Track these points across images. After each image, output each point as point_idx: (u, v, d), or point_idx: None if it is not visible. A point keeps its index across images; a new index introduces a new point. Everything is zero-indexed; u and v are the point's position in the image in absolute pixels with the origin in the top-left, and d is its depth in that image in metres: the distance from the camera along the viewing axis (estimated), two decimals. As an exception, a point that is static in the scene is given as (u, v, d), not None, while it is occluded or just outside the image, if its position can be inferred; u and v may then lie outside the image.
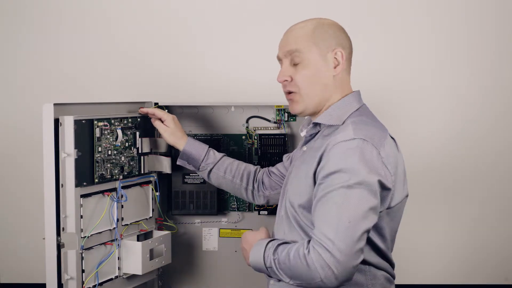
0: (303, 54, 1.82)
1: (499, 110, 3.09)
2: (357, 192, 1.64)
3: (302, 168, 1.83)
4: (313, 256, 1.62)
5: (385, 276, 1.82)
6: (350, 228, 1.61)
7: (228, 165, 2.24)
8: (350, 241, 1.61)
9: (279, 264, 1.72)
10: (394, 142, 1.83)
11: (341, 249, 1.60)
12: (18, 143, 3.15)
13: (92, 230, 2.03)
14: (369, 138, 1.70)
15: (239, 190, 2.25)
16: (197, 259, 2.52)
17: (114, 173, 2.12)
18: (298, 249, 1.67)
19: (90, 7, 3.14)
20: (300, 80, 1.83)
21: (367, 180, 1.65)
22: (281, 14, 3.06)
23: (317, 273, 1.61)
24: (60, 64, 3.15)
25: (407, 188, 1.84)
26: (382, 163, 1.70)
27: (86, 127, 2.00)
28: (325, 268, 1.60)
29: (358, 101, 1.87)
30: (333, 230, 1.61)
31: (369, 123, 1.79)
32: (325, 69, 1.83)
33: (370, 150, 1.69)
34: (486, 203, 3.12)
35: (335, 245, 1.60)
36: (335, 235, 1.61)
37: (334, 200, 1.64)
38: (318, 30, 1.84)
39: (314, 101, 1.85)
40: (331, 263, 1.60)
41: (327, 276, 1.61)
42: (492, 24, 3.08)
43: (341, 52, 1.83)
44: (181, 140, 2.22)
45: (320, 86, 1.84)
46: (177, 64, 3.13)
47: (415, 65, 3.09)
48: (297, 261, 1.66)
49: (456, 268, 3.15)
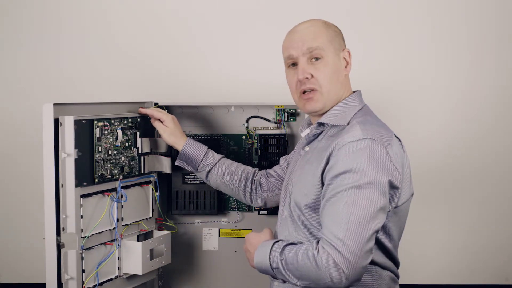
0: (323, 51, 1.83)
1: (499, 110, 3.09)
2: (367, 192, 1.64)
3: (307, 168, 1.83)
4: (323, 256, 1.62)
5: (391, 276, 1.83)
6: (360, 229, 1.61)
7: (226, 166, 2.24)
8: (360, 241, 1.61)
9: (287, 264, 1.71)
10: (399, 141, 1.83)
11: (351, 249, 1.60)
12: (18, 143, 3.15)
13: (92, 230, 2.02)
14: (378, 138, 1.71)
15: (237, 192, 2.25)
16: (197, 259, 2.52)
17: (114, 173, 2.12)
18: (307, 249, 1.67)
19: (90, 7, 3.14)
20: (322, 77, 1.83)
21: (377, 180, 1.66)
22: (281, 14, 3.06)
23: (327, 273, 1.61)
24: (60, 64, 3.15)
25: (412, 187, 1.85)
26: (391, 162, 1.70)
27: (86, 127, 2.00)
28: (335, 268, 1.60)
29: (360, 101, 1.89)
30: (343, 230, 1.61)
31: (375, 123, 1.80)
32: (340, 68, 1.86)
33: (380, 149, 1.70)
34: (486, 203, 3.12)
35: (345, 245, 1.60)
36: (345, 235, 1.61)
37: (344, 200, 1.64)
38: (329, 29, 1.86)
39: (332, 99, 1.86)
40: (341, 263, 1.60)
41: (337, 276, 1.61)
42: (492, 24, 3.07)
43: (348, 52, 1.87)
44: (180, 140, 2.23)
45: (338, 84, 1.86)
46: (177, 64, 3.13)
47: (415, 65, 3.09)
48: (306, 261, 1.65)
49: (457, 268, 3.15)
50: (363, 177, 1.65)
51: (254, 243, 1.85)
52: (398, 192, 1.74)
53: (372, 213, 1.64)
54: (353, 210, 1.63)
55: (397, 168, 1.72)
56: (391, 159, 1.70)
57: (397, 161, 1.72)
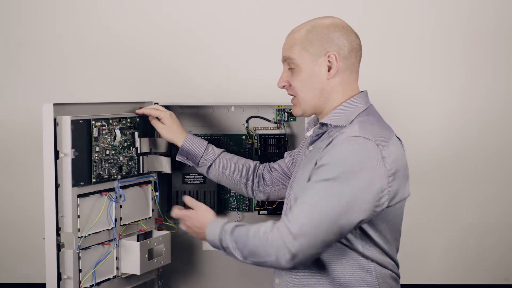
0: (295, 61, 1.84)
1: (499, 110, 3.09)
2: (341, 187, 1.64)
3: (307, 167, 1.82)
4: (275, 235, 1.64)
5: (391, 275, 1.82)
6: (323, 219, 1.62)
7: (227, 160, 2.24)
8: (318, 231, 1.62)
9: (237, 243, 1.72)
10: (400, 142, 1.82)
11: (305, 234, 1.61)
12: (18, 143, 3.16)
13: (89, 230, 2.02)
14: (373, 137, 1.70)
15: (238, 186, 2.25)
16: (197, 259, 2.52)
17: (112, 173, 2.12)
18: (259, 228, 1.68)
19: (90, 7, 3.15)
20: (295, 85, 1.86)
21: (356, 177, 1.65)
22: (281, 14, 3.07)
23: (274, 251, 1.63)
24: (60, 64, 3.16)
25: (409, 189, 1.84)
26: (381, 162, 1.68)
27: (83, 127, 2.00)
28: (283, 248, 1.62)
29: (365, 102, 1.86)
30: (305, 216, 1.63)
31: (375, 123, 1.79)
32: (319, 74, 1.83)
33: (371, 148, 1.68)
34: (486, 203, 3.12)
35: (301, 230, 1.61)
36: (304, 222, 1.62)
37: (316, 190, 1.66)
38: (311, 34, 1.83)
39: (310, 105, 1.86)
40: (291, 245, 1.61)
41: (283, 256, 1.62)
42: (493, 23, 3.07)
43: (334, 55, 1.81)
44: (180, 136, 2.22)
45: (315, 91, 1.85)
46: (177, 64, 3.13)
47: (415, 65, 3.09)
48: (256, 239, 1.67)
49: (456, 268, 3.14)
50: (342, 172, 1.64)
51: (201, 221, 1.86)
52: (386, 193, 1.72)
53: (341, 208, 1.63)
54: (322, 201, 1.63)
55: (387, 169, 1.70)
56: (383, 159, 1.69)
57: (389, 162, 1.70)
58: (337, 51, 1.81)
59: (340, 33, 1.83)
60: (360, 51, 1.87)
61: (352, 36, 1.85)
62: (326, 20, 1.86)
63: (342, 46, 1.82)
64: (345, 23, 1.87)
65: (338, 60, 1.81)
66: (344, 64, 1.83)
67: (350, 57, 1.84)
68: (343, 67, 1.82)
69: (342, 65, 1.82)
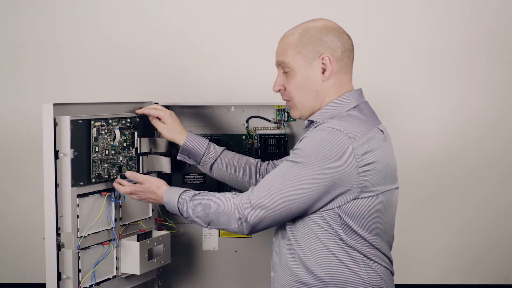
0: (289, 64, 1.86)
1: (498, 110, 3.09)
2: (303, 170, 1.73)
3: None
4: (236, 204, 1.79)
5: (382, 269, 1.82)
6: (281, 197, 1.74)
7: (229, 159, 2.24)
8: (275, 205, 1.75)
9: (198, 212, 1.87)
10: (383, 134, 1.83)
11: (263, 206, 1.75)
12: (18, 143, 3.16)
13: (88, 230, 2.02)
14: (347, 130, 1.73)
15: (242, 184, 2.26)
16: (197, 259, 2.51)
17: (111, 173, 2.12)
18: (222, 197, 1.84)
19: (90, 7, 3.15)
20: (290, 89, 1.89)
21: (318, 164, 1.72)
22: (281, 13, 3.07)
23: (235, 220, 1.79)
24: (60, 64, 3.16)
25: (396, 181, 1.85)
26: (350, 153, 1.71)
27: (82, 127, 2.00)
28: (242, 216, 1.77)
29: (356, 98, 1.87)
30: (266, 190, 1.76)
31: (358, 117, 1.81)
32: (314, 76, 1.85)
33: (340, 138, 1.72)
34: (486, 203, 3.12)
35: (260, 202, 1.75)
36: (264, 195, 1.75)
37: (282, 169, 1.78)
38: (304, 37, 1.84)
39: (307, 108, 1.89)
40: (248, 214, 1.76)
41: (243, 224, 1.78)
42: (492, 24, 3.07)
43: (328, 57, 1.83)
44: (181, 135, 2.22)
45: (311, 93, 1.87)
46: (177, 64, 3.13)
47: (414, 65, 3.09)
48: (218, 207, 1.82)
49: (456, 268, 3.14)
50: (305, 158, 1.73)
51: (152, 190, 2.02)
52: (351, 183, 1.73)
53: (297, 189, 1.73)
54: (283, 180, 1.75)
55: (357, 160, 1.71)
56: (354, 151, 1.71)
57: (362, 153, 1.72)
58: (330, 53, 1.83)
59: (332, 35, 1.85)
60: (352, 51, 1.90)
61: (344, 38, 1.87)
62: (318, 22, 1.88)
63: (335, 48, 1.84)
64: (337, 25, 1.88)
65: (332, 62, 1.83)
66: (338, 65, 1.85)
67: (343, 58, 1.86)
68: (337, 68, 1.85)
69: (336, 66, 1.84)
